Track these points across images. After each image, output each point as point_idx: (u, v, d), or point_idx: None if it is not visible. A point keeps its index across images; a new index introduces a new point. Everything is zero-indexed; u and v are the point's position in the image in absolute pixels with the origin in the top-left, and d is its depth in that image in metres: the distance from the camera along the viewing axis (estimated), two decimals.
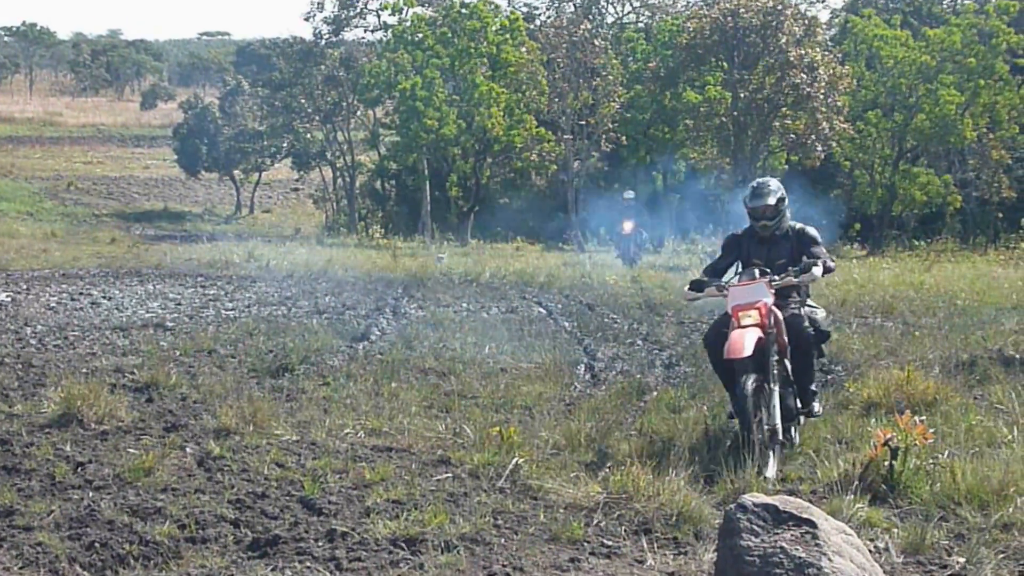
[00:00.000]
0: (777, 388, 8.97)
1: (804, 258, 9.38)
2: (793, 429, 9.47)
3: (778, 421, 8.82)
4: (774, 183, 9.76)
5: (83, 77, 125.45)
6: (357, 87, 54.34)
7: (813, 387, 9.60)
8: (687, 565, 6.68)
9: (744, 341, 8.70)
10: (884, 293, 21.15)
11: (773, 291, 9.20)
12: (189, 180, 69.00)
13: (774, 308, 9.15)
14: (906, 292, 21.52)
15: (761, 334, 8.88)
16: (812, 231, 9.69)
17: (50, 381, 11.55)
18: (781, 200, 9.58)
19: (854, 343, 14.75)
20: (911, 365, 11.91)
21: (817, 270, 9.19)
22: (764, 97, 39.72)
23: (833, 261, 9.60)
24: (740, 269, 9.75)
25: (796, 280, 9.28)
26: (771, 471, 8.47)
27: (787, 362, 9.40)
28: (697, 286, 9.64)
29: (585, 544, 7.03)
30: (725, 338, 8.96)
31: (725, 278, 9.78)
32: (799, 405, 9.51)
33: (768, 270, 9.38)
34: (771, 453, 8.66)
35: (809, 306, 9.78)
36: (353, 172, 59.62)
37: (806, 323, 9.39)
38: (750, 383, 8.60)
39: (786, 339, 9.30)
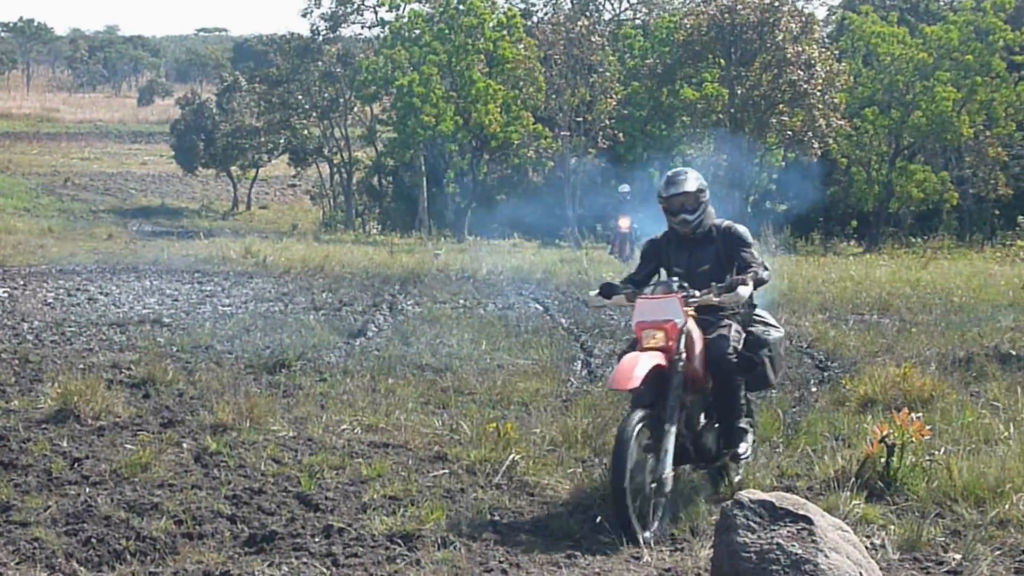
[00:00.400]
0: (674, 429, 7.33)
1: (734, 269, 7.97)
2: (734, 470, 8.14)
3: (668, 471, 7.23)
4: (692, 171, 8.38)
5: (80, 73, 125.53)
6: (354, 83, 54.35)
7: (742, 424, 8.03)
8: (683, 561, 6.69)
9: (634, 369, 7.24)
10: (881, 290, 21.17)
11: (689, 309, 7.70)
12: (186, 176, 68.97)
13: (692, 328, 7.67)
14: (903, 289, 21.53)
15: (662, 361, 7.40)
16: (741, 230, 8.21)
17: (47, 377, 11.55)
18: (701, 190, 8.15)
19: (851, 340, 14.77)
20: (908, 362, 11.93)
21: (744, 289, 7.70)
22: (761, 94, 39.77)
23: (767, 270, 8.01)
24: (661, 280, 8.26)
25: (716, 300, 7.73)
26: (652, 531, 7.15)
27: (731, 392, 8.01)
28: (607, 291, 8.16)
29: (581, 540, 7.04)
30: None
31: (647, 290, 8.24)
32: (723, 446, 7.96)
33: (686, 285, 7.85)
34: (654, 509, 7.26)
35: (759, 322, 8.26)
36: (350, 168, 59.63)
37: (731, 348, 7.79)
38: (635, 421, 7.16)
39: (697, 365, 7.73)
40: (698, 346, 7.71)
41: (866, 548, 6.25)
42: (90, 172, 71.18)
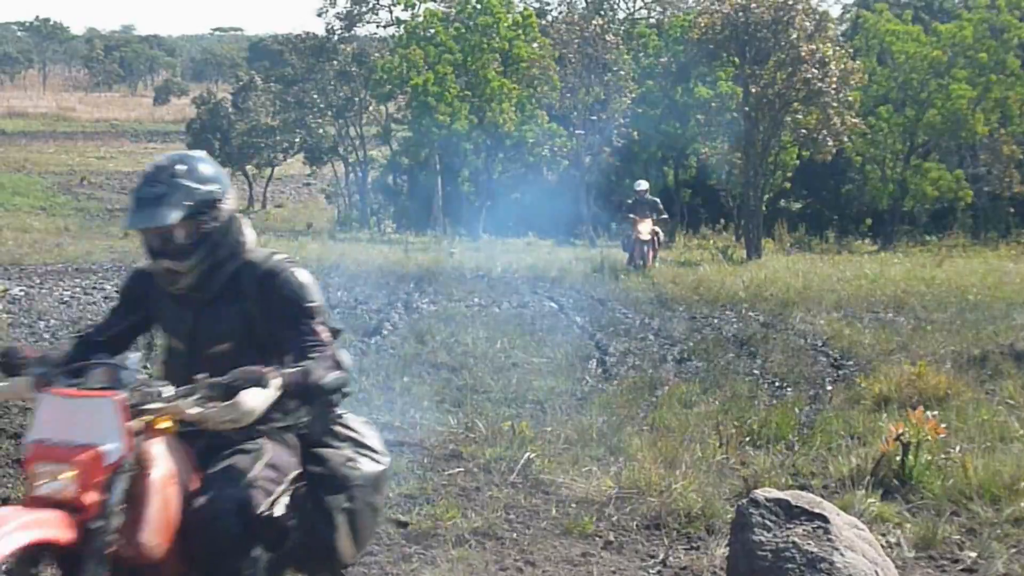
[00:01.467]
0: None
1: (277, 356, 4.21)
2: None
3: None
4: (204, 168, 4.40)
5: (96, 72, 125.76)
6: (369, 82, 54.38)
7: None
8: (699, 560, 6.70)
9: None
10: (895, 288, 21.14)
11: (135, 423, 3.85)
12: None
13: (157, 458, 3.95)
14: (917, 287, 21.49)
15: (65, 533, 3.67)
16: (298, 280, 4.39)
17: None
18: (206, 210, 4.34)
19: (866, 338, 14.76)
20: (923, 360, 11.92)
21: (254, 400, 3.89)
22: (775, 92, 39.54)
23: (340, 369, 4.31)
24: (156, 342, 4.53)
25: (192, 414, 3.93)
26: None
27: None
28: (9, 363, 4.22)
29: (597, 539, 7.05)
30: None
31: (134, 359, 4.06)
32: None
33: (146, 366, 4.41)
34: None
35: (346, 438, 4.66)
36: (365, 167, 59.69)
37: (234, 506, 4.04)
38: None
39: (151, 540, 3.91)
40: (158, 501, 3.93)
41: (882, 546, 6.26)
42: (106, 171, 71.35)
